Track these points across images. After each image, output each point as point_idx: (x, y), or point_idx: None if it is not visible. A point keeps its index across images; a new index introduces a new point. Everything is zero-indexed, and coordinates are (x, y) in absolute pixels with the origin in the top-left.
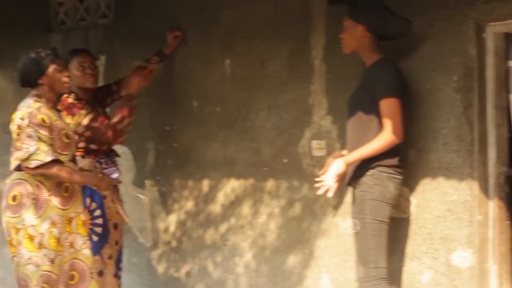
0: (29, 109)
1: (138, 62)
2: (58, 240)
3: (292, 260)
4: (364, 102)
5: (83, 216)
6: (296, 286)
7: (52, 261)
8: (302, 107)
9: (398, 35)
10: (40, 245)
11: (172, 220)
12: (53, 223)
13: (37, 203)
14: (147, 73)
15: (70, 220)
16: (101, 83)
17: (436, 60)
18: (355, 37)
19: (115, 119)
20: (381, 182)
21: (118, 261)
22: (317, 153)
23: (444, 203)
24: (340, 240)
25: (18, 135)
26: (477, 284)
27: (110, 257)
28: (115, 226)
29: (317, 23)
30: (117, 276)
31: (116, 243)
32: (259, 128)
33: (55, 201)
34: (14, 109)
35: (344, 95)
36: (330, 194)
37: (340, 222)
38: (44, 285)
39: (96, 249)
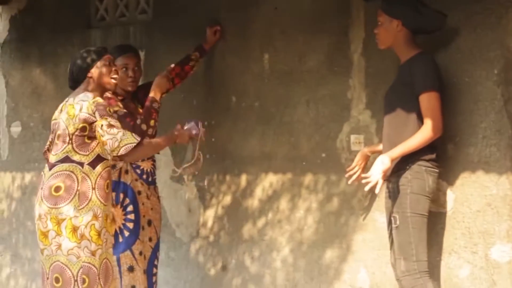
0: (93, 101)
1: (178, 57)
2: (99, 234)
3: (330, 254)
4: (402, 97)
5: (112, 215)
6: (333, 281)
7: (92, 254)
8: (340, 101)
9: (434, 29)
10: (82, 237)
11: (209, 215)
12: (95, 216)
13: (80, 195)
14: (188, 68)
15: (106, 217)
16: (140, 79)
17: (476, 53)
18: (390, 32)
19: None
20: (420, 176)
21: (153, 258)
22: (355, 147)
23: (483, 197)
24: (377, 234)
25: (82, 129)
26: None
27: (140, 253)
28: (149, 223)
29: (355, 17)
30: (148, 272)
31: (150, 239)
32: (297, 123)
33: (98, 195)
34: (53, 104)
35: (383, 89)
36: (377, 190)
37: (378, 217)
38: (84, 276)
39: (127, 245)
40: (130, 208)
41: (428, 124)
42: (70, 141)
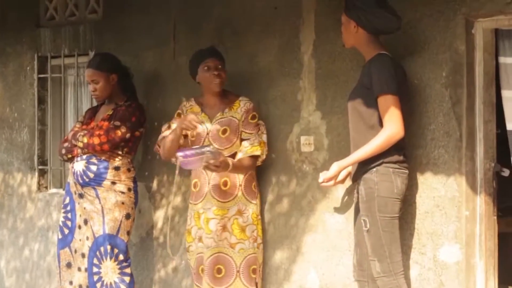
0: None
1: (128, 57)
2: (189, 232)
3: (279, 255)
4: (364, 98)
5: (210, 214)
6: (283, 282)
7: (187, 250)
8: (291, 102)
9: (389, 30)
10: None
11: (159, 216)
12: (190, 215)
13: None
14: None
15: (199, 215)
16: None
17: (425, 56)
18: (350, 32)
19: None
20: (387, 178)
21: (91, 257)
22: (305, 148)
23: (431, 199)
24: (327, 235)
25: None
26: (464, 279)
27: (75, 251)
28: (85, 222)
29: (306, 19)
30: (89, 271)
31: (87, 238)
32: None
33: (191, 195)
34: (1, 104)
35: (333, 90)
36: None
37: (328, 218)
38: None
39: (66, 242)
40: (69, 207)
41: (385, 127)
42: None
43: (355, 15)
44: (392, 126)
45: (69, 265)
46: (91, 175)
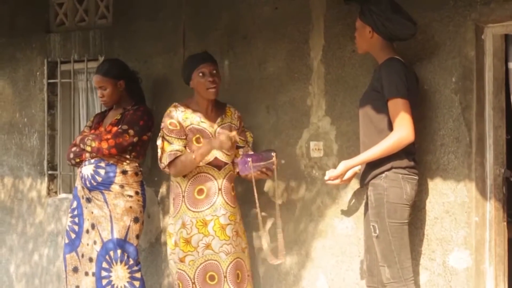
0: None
1: (137, 63)
2: (187, 241)
3: (289, 261)
4: (374, 102)
5: (224, 220)
6: (292, 287)
7: (181, 260)
8: (300, 108)
9: (405, 36)
10: (176, 244)
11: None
12: (183, 224)
13: (174, 203)
14: None
15: (205, 223)
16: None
17: (434, 62)
18: (364, 37)
19: None
20: (396, 184)
21: (100, 261)
22: (315, 154)
23: (441, 205)
24: (337, 241)
25: None
26: (473, 285)
27: (83, 256)
28: (93, 226)
29: (316, 25)
30: (97, 276)
31: (95, 242)
32: (256, 129)
33: (187, 202)
34: (11, 109)
35: (343, 96)
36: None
37: (337, 223)
38: (179, 282)
39: (73, 246)
40: (76, 212)
41: (395, 130)
42: None
43: (371, 20)
44: (402, 130)
45: (75, 270)
46: (99, 179)
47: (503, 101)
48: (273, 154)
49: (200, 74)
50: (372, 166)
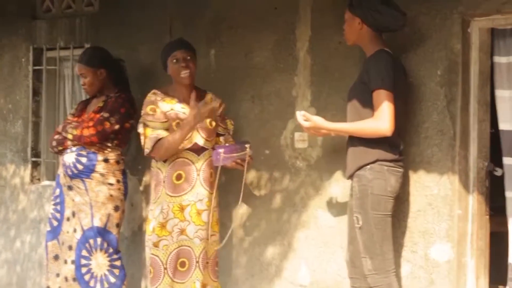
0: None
1: (124, 50)
2: (163, 226)
3: (271, 251)
4: (362, 94)
5: (200, 206)
6: (274, 278)
7: (155, 245)
8: (285, 98)
9: (395, 28)
10: (153, 230)
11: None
12: (162, 209)
13: (155, 189)
14: None
15: (182, 208)
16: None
17: (420, 54)
18: (353, 29)
19: None
20: (381, 176)
21: (79, 249)
22: (299, 145)
23: (424, 197)
24: (319, 232)
25: None
26: (455, 278)
27: (63, 243)
28: (73, 214)
29: (302, 15)
30: (77, 264)
31: (75, 230)
32: (241, 119)
33: (166, 187)
34: None
35: (328, 87)
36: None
37: (320, 214)
38: (151, 268)
39: (55, 234)
40: (58, 199)
41: (374, 119)
42: None
43: (360, 12)
44: (380, 122)
45: (56, 257)
46: (81, 167)
47: (488, 94)
48: (247, 146)
49: (174, 61)
50: (358, 158)
